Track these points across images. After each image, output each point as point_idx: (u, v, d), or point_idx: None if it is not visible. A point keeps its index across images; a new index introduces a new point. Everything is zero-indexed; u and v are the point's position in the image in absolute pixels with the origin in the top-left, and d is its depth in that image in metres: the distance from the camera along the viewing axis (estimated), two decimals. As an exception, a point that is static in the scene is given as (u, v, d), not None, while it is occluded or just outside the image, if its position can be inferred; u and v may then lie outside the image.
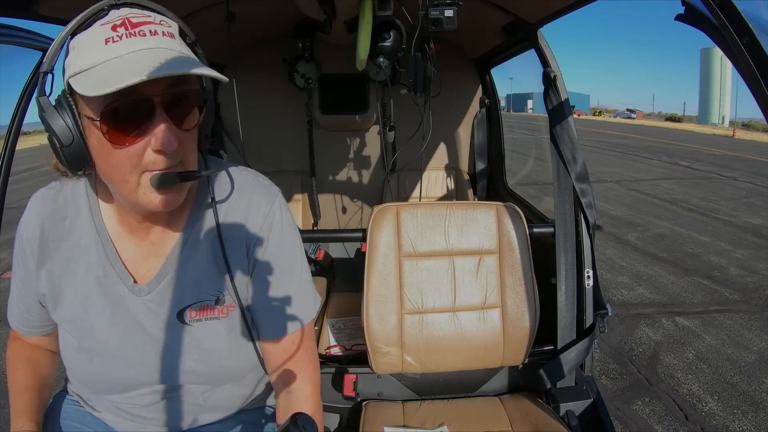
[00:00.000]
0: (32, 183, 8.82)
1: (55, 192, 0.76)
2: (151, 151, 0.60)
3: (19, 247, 0.76)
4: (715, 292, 3.61)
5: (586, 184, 1.38)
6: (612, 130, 28.06)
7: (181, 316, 0.74)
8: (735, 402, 2.25)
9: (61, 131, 0.60)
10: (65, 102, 0.60)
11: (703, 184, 8.69)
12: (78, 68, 0.58)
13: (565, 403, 1.27)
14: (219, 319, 0.75)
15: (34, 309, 0.79)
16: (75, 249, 0.74)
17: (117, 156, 0.60)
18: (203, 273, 0.75)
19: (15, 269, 0.78)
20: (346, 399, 1.33)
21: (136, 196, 0.63)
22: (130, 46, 0.57)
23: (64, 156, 0.62)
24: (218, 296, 0.75)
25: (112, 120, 0.58)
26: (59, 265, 0.74)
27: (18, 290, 0.79)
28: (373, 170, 2.55)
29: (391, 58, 1.61)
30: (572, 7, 1.27)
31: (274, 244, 0.77)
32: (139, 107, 0.59)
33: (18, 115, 1.31)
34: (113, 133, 0.59)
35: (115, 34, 0.58)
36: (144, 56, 0.57)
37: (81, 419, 0.84)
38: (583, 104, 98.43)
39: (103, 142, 0.59)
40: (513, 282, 1.32)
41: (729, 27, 0.63)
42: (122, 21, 0.59)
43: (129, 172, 0.61)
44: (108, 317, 0.73)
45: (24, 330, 0.83)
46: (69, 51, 0.60)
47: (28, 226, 0.75)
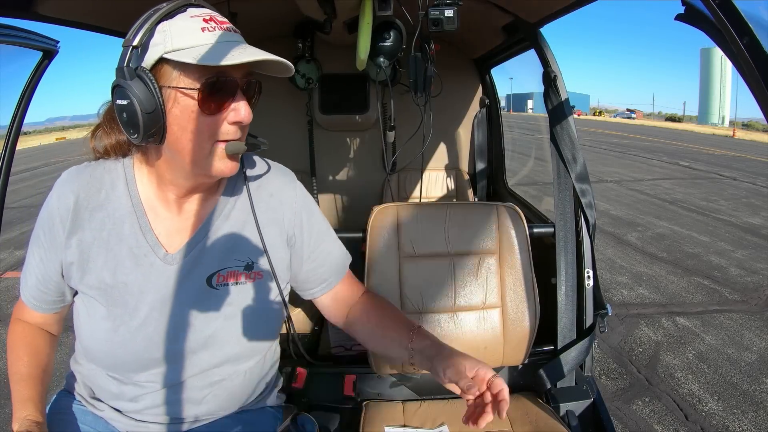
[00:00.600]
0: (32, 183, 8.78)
1: (92, 167, 0.81)
2: (227, 123, 0.72)
3: (46, 218, 0.79)
4: (715, 292, 3.62)
5: (587, 184, 1.38)
6: (612, 130, 28.06)
7: (210, 281, 0.81)
8: (735, 402, 2.25)
9: (145, 98, 0.66)
10: (145, 75, 0.67)
11: (703, 184, 8.69)
12: (176, 46, 0.67)
13: (565, 403, 1.27)
14: (246, 283, 0.84)
15: (52, 282, 0.81)
16: (108, 219, 0.78)
17: (199, 123, 0.70)
18: (233, 242, 0.83)
19: (38, 241, 0.80)
20: (346, 399, 1.33)
21: (208, 162, 0.72)
22: (223, 37, 0.69)
23: (143, 122, 0.67)
24: (248, 263, 0.84)
25: (208, 91, 0.68)
26: (91, 234, 0.77)
27: (37, 263, 0.80)
28: (373, 170, 2.55)
29: (392, 58, 1.61)
30: (572, 7, 1.27)
31: (307, 212, 0.92)
32: (229, 85, 0.70)
33: (18, 115, 1.31)
34: (206, 101, 0.69)
35: (208, 26, 0.69)
36: (237, 45, 0.69)
37: (82, 419, 0.84)
38: (583, 104, 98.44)
39: (189, 110, 0.69)
40: (513, 282, 1.32)
41: (729, 27, 0.63)
42: (210, 17, 0.71)
43: (206, 139, 0.71)
44: (139, 285, 0.78)
45: (35, 304, 0.84)
46: (154, 33, 0.68)
47: (60, 197, 0.78)
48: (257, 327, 0.85)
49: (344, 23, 1.72)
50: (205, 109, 0.69)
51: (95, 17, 1.28)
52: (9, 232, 5.77)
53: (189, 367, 0.80)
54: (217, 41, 0.69)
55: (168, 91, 0.68)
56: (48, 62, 1.31)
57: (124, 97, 0.67)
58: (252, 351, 0.86)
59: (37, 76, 1.32)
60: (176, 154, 0.72)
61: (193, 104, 0.69)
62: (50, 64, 1.32)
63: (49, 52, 1.30)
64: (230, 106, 0.71)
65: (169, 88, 0.68)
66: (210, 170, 0.73)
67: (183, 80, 0.68)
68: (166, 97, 0.68)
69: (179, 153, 0.72)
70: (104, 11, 1.27)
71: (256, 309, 0.84)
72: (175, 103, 0.69)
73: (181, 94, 0.68)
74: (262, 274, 0.85)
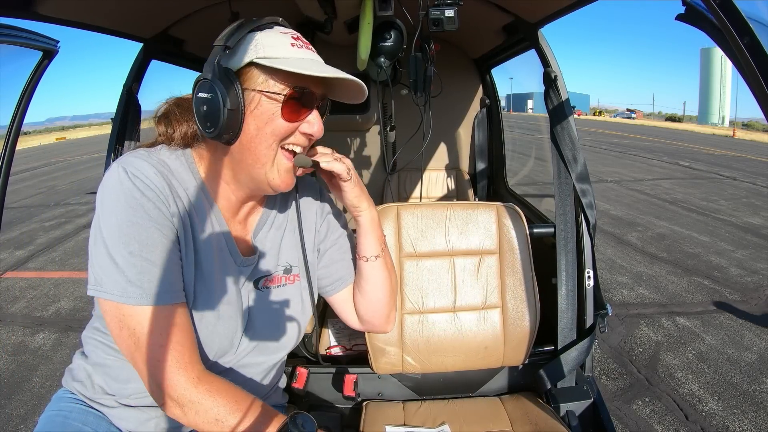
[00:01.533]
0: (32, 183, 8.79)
1: (155, 157, 0.76)
2: (299, 133, 0.77)
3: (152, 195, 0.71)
4: (715, 292, 3.61)
5: (587, 184, 1.38)
6: (612, 130, 28.05)
7: (257, 284, 0.87)
8: (735, 402, 2.25)
9: (229, 96, 0.70)
10: (232, 75, 0.71)
11: (703, 184, 8.69)
12: (268, 54, 0.72)
13: (565, 403, 1.27)
14: (286, 286, 0.91)
15: (174, 259, 0.72)
16: (187, 210, 0.77)
17: (276, 127, 0.74)
18: (277, 248, 0.90)
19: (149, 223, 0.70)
20: (346, 399, 1.33)
21: (267, 169, 0.76)
22: (309, 54, 0.76)
23: (223, 117, 0.70)
24: (287, 267, 0.91)
25: (292, 99, 0.74)
26: (179, 219, 0.75)
27: (159, 241, 0.70)
28: (373, 170, 2.55)
29: (392, 58, 1.61)
30: (572, 7, 1.27)
31: (329, 212, 1.00)
32: (309, 98, 0.76)
33: (18, 115, 1.31)
34: (288, 107, 0.74)
35: (297, 42, 0.76)
36: (324, 64, 0.76)
37: (84, 419, 0.84)
38: (583, 104, 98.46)
39: (269, 113, 0.73)
40: (513, 282, 1.32)
41: (729, 27, 0.63)
42: (297, 36, 0.77)
43: (276, 142, 0.75)
44: (216, 281, 0.79)
45: (169, 298, 0.71)
46: (245, 39, 0.73)
47: (150, 176, 0.72)
48: (290, 326, 0.90)
49: (345, 23, 1.72)
50: (285, 115, 0.74)
51: (95, 17, 1.28)
52: (9, 232, 5.78)
53: (230, 365, 0.84)
54: (306, 57, 0.75)
55: (251, 94, 0.73)
56: (48, 62, 1.31)
57: (207, 91, 0.70)
58: (281, 348, 0.91)
59: (37, 76, 1.32)
60: (246, 153, 0.75)
61: (275, 108, 0.73)
62: (50, 64, 1.33)
63: (49, 52, 1.30)
64: (306, 117, 0.77)
65: (253, 91, 0.73)
66: (268, 180, 0.77)
67: (270, 85, 0.73)
68: (247, 99, 0.72)
69: (250, 152, 0.75)
70: (104, 11, 1.27)
71: (292, 309, 0.90)
72: (258, 106, 0.73)
73: (266, 97, 0.73)
74: (299, 277, 0.93)
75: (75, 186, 9.70)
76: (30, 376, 2.52)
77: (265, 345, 0.88)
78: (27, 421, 2.15)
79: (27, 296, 3.72)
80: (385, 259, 0.97)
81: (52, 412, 0.86)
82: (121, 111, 1.51)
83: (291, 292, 0.91)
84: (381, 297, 0.99)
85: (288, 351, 0.94)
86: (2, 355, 2.79)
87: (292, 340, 0.92)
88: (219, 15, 1.53)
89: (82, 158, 16.24)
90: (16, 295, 3.76)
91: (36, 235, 5.69)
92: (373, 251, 0.95)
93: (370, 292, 0.98)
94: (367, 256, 0.95)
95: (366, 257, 0.95)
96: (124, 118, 1.51)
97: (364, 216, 0.92)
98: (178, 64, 1.84)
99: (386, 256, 0.99)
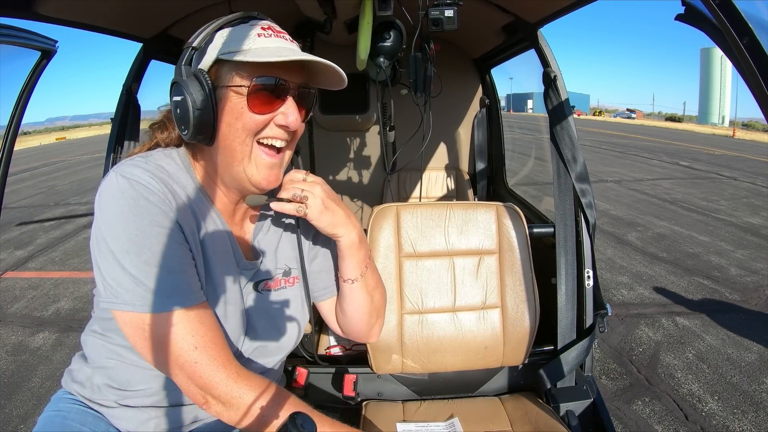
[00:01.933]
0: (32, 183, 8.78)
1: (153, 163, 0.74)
2: (274, 125, 0.75)
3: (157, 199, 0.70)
4: (715, 292, 3.61)
5: (587, 184, 1.38)
6: (612, 129, 28.05)
7: (257, 286, 0.86)
8: (735, 402, 2.25)
9: (198, 96, 0.69)
10: (201, 75, 0.70)
11: (703, 184, 8.69)
12: (232, 48, 0.71)
13: (565, 403, 1.27)
14: (285, 288, 0.91)
15: (188, 261, 0.72)
16: (191, 212, 0.76)
17: (246, 120, 0.72)
18: (275, 251, 0.90)
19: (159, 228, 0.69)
20: (346, 399, 1.33)
21: (246, 165, 0.75)
22: (279, 42, 0.74)
23: (193, 118, 0.70)
24: (285, 269, 0.91)
25: (258, 90, 0.71)
26: (184, 224, 0.74)
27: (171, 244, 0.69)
28: (373, 170, 2.55)
29: (392, 58, 1.61)
30: (572, 7, 1.27)
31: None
32: (280, 87, 0.73)
33: (16, 114, 1.31)
34: (255, 99, 0.72)
35: (265, 33, 0.74)
36: (292, 50, 0.73)
37: (82, 419, 0.83)
38: (583, 104, 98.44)
39: (238, 108, 0.72)
40: (513, 282, 1.32)
41: (729, 27, 0.63)
42: (269, 26, 0.75)
43: (250, 135, 0.73)
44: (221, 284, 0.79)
45: (189, 298, 0.70)
46: (213, 39, 0.73)
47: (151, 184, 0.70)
48: (291, 328, 0.91)
49: (344, 23, 1.72)
50: (252, 107, 0.72)
51: (95, 17, 1.28)
52: (9, 232, 5.78)
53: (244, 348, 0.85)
54: (273, 46, 0.73)
55: (221, 91, 0.72)
56: (46, 62, 1.31)
57: (179, 94, 0.70)
58: (282, 349, 0.91)
59: (36, 76, 1.32)
60: (223, 151, 0.75)
61: (242, 101, 0.72)
62: (48, 64, 1.32)
63: (48, 51, 1.30)
64: (279, 108, 0.74)
65: (223, 87, 0.72)
66: (248, 176, 0.76)
67: (235, 79, 0.72)
68: (219, 97, 0.72)
69: (226, 150, 0.74)
70: (104, 11, 1.27)
71: (292, 311, 0.91)
72: (227, 102, 0.72)
73: (233, 92, 0.72)
74: (298, 279, 0.93)
75: (75, 186, 9.70)
76: (30, 376, 2.52)
77: (266, 346, 0.88)
78: (27, 421, 2.15)
79: (27, 296, 3.72)
80: (366, 281, 0.94)
81: (51, 412, 0.85)
82: (121, 111, 1.51)
83: (290, 294, 0.91)
84: (360, 316, 0.98)
85: (288, 352, 0.95)
86: (2, 355, 2.79)
87: (292, 341, 0.92)
88: (219, 15, 1.53)
89: (82, 158, 16.23)
90: (16, 295, 3.76)
91: (36, 235, 5.69)
92: (351, 274, 0.92)
93: (349, 311, 0.98)
94: (345, 278, 0.93)
95: (344, 279, 0.93)
96: (123, 118, 1.51)
97: (342, 241, 0.88)
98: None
99: (368, 277, 0.95)
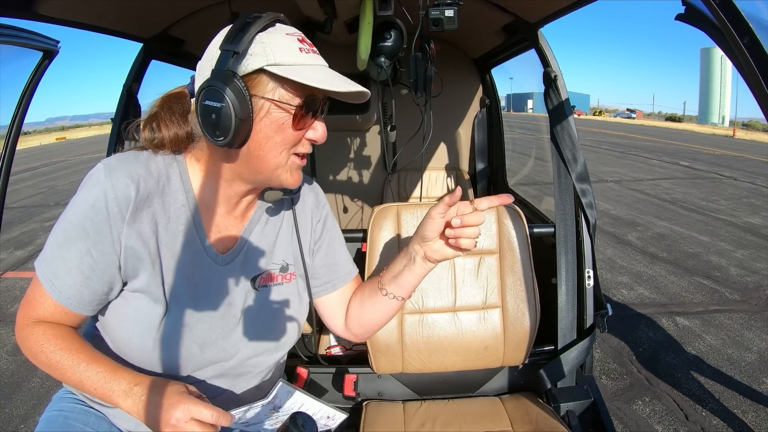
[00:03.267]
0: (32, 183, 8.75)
1: (144, 157, 0.77)
2: (305, 139, 0.77)
3: (96, 208, 0.72)
4: (715, 292, 3.61)
5: (587, 184, 1.38)
6: (612, 129, 28.05)
7: (254, 282, 0.86)
8: (735, 402, 2.25)
9: (239, 104, 0.68)
10: (241, 82, 0.68)
11: (703, 184, 8.69)
12: (277, 60, 0.70)
13: (565, 403, 1.27)
14: (282, 284, 0.90)
15: (103, 278, 0.74)
16: (164, 213, 0.77)
17: (285, 136, 0.73)
18: (272, 245, 0.89)
19: (82, 233, 0.72)
20: (346, 399, 1.33)
21: (281, 171, 0.76)
22: (316, 59, 0.74)
23: (234, 126, 0.68)
24: (283, 265, 0.90)
25: (303, 108, 0.73)
26: (149, 226, 0.75)
27: (82, 256, 0.72)
28: (373, 170, 2.55)
29: (392, 58, 1.61)
30: (572, 7, 1.27)
31: (325, 215, 0.99)
32: (318, 105, 0.76)
33: (18, 115, 1.31)
34: (299, 118, 0.73)
35: (304, 47, 0.73)
36: (337, 76, 0.74)
37: (85, 419, 0.84)
38: (583, 104, 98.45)
39: (280, 122, 0.72)
40: (513, 282, 1.32)
41: (729, 27, 0.63)
42: (302, 38, 0.75)
43: (286, 150, 0.75)
44: (193, 283, 0.79)
45: (77, 305, 0.75)
46: (253, 43, 0.70)
47: (117, 184, 0.72)
48: (289, 325, 0.90)
49: (345, 23, 1.72)
50: (296, 125, 0.73)
51: (95, 17, 1.28)
52: (9, 232, 5.78)
53: (229, 365, 0.84)
54: (314, 64, 0.73)
55: (260, 101, 0.71)
56: (48, 62, 1.32)
57: (216, 100, 0.68)
58: (282, 347, 0.91)
59: (38, 76, 1.32)
60: (254, 159, 0.74)
61: (286, 118, 0.72)
62: (50, 65, 1.33)
63: (50, 52, 1.30)
64: (313, 124, 0.77)
65: (263, 99, 0.71)
66: (281, 180, 0.77)
67: (280, 94, 0.71)
68: (256, 107, 0.71)
69: (258, 159, 0.74)
70: (104, 11, 1.27)
71: (290, 308, 0.90)
72: (267, 114, 0.71)
73: (276, 106, 0.71)
74: (295, 275, 0.92)
75: (75, 186, 9.59)
76: (30, 376, 2.52)
77: (265, 344, 0.87)
78: (27, 421, 2.15)
79: (27, 296, 3.72)
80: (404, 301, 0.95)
81: (53, 412, 0.85)
82: (121, 111, 1.52)
83: (288, 290, 0.91)
84: (378, 324, 0.99)
85: (287, 349, 0.94)
86: (2, 355, 2.79)
87: (292, 338, 0.92)
88: (219, 15, 1.54)
89: (82, 158, 16.23)
90: (16, 295, 3.76)
91: (36, 235, 5.68)
92: (407, 293, 0.92)
93: (370, 319, 0.97)
94: (396, 295, 0.91)
95: (395, 295, 0.91)
96: (124, 118, 1.51)
97: (431, 266, 0.88)
98: (178, 64, 1.84)
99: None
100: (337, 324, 1.01)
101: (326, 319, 1.02)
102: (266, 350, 0.88)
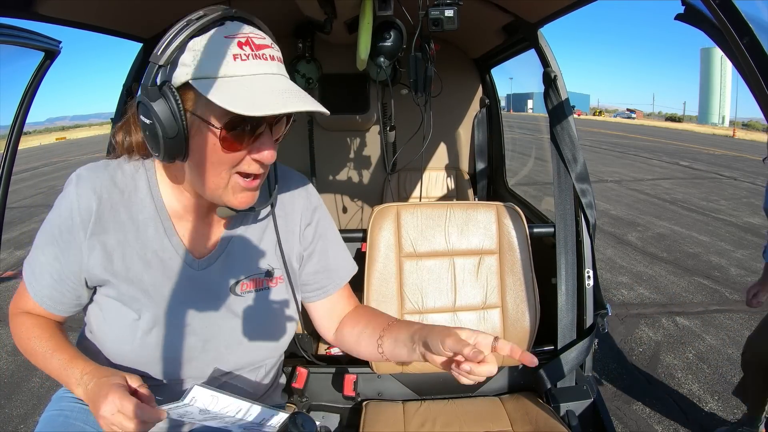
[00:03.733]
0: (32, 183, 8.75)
1: (112, 167, 0.77)
2: (250, 158, 0.68)
3: (66, 216, 0.74)
4: (715, 292, 3.62)
5: (587, 184, 1.38)
6: (612, 129, 28.05)
7: (234, 288, 0.82)
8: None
9: (168, 122, 0.62)
10: (171, 95, 0.62)
11: (703, 184, 8.69)
12: (204, 73, 0.62)
13: (565, 403, 1.27)
14: (268, 289, 0.86)
15: (69, 282, 0.76)
16: (131, 223, 0.76)
17: (219, 157, 0.67)
18: (255, 249, 0.85)
19: (52, 239, 0.75)
20: (346, 399, 1.33)
21: (222, 192, 0.70)
22: (256, 68, 0.64)
23: (164, 146, 0.64)
24: (268, 269, 0.85)
25: (231, 130, 0.65)
26: (115, 237, 0.75)
27: (51, 261, 0.75)
28: (373, 170, 2.55)
29: (392, 58, 1.61)
30: (572, 7, 1.27)
31: (318, 218, 0.92)
32: (254, 124, 0.66)
33: (20, 115, 1.31)
34: (228, 140, 0.65)
35: (242, 52, 0.63)
36: (271, 83, 0.64)
37: (85, 419, 0.83)
38: (583, 104, 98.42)
39: (211, 144, 0.66)
40: (513, 282, 1.32)
41: (729, 27, 0.63)
42: (246, 39, 0.64)
43: (226, 170, 0.68)
44: (166, 289, 0.77)
45: (50, 306, 0.78)
46: (184, 50, 0.63)
47: (82, 196, 0.73)
48: (277, 330, 0.87)
49: (344, 23, 1.72)
50: (225, 147, 0.66)
51: (95, 17, 1.28)
52: (9, 232, 5.77)
53: (212, 370, 0.82)
54: (250, 74, 0.63)
55: (193, 118, 0.65)
56: (50, 62, 1.32)
57: (147, 116, 0.64)
58: (271, 352, 0.89)
59: (39, 77, 1.33)
60: (195, 177, 0.71)
61: (214, 139, 0.65)
62: (52, 65, 1.33)
63: (51, 52, 1.30)
64: (255, 143, 0.67)
65: (194, 115, 0.65)
66: (224, 201, 0.72)
67: (207, 111, 0.64)
68: (190, 122, 0.65)
69: (199, 177, 0.70)
70: (104, 11, 1.27)
71: (277, 313, 0.87)
72: (198, 132, 0.66)
73: (205, 126, 0.65)
74: (282, 279, 0.88)
75: (75, 186, 9.66)
76: (30, 376, 2.52)
77: (249, 351, 0.84)
78: (27, 421, 2.15)
79: (27, 296, 3.72)
80: None
81: (54, 411, 0.85)
82: (121, 111, 1.52)
83: (274, 295, 0.87)
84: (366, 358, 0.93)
85: (281, 352, 0.92)
86: (2, 355, 2.79)
87: (282, 341, 0.89)
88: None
89: (82, 158, 16.22)
90: (16, 295, 3.76)
91: (36, 235, 5.68)
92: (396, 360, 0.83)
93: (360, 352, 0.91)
94: (392, 358, 0.83)
95: (386, 356, 0.83)
96: (124, 118, 1.51)
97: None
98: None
99: None
100: (328, 330, 0.97)
101: (316, 322, 0.98)
102: (250, 357, 0.85)
